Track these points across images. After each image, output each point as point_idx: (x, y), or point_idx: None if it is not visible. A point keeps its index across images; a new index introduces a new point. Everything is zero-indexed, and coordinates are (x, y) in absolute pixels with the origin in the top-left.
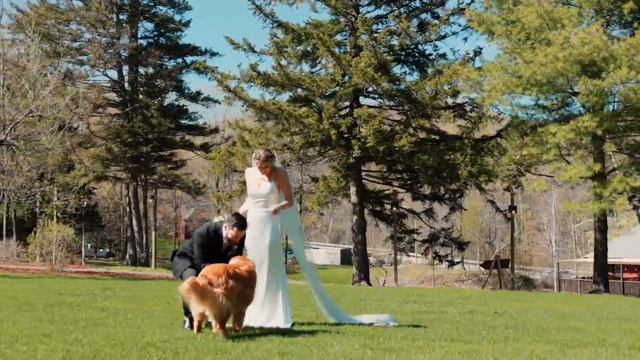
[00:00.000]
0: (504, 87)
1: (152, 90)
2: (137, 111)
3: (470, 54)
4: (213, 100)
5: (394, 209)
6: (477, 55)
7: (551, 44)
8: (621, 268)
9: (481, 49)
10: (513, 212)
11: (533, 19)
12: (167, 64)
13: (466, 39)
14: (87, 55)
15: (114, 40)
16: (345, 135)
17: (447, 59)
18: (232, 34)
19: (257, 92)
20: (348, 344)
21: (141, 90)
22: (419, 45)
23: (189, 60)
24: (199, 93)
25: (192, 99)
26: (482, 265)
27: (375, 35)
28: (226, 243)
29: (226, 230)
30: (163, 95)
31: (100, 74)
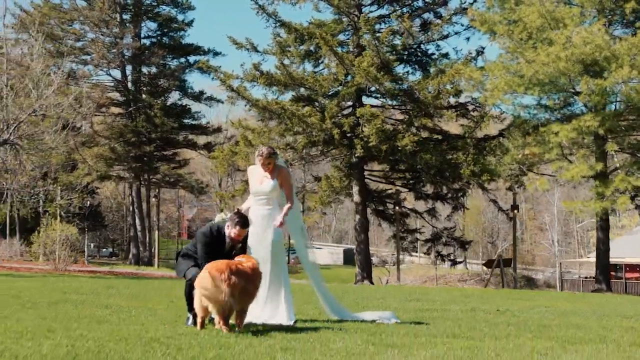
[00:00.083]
0: (506, 87)
1: (155, 89)
2: (141, 111)
3: (472, 54)
4: (216, 99)
5: (397, 208)
6: (480, 54)
7: (553, 44)
8: (623, 268)
9: (483, 48)
10: (515, 212)
11: (535, 19)
12: (170, 64)
13: (468, 39)
14: (91, 55)
15: (117, 40)
16: (348, 134)
17: (450, 58)
18: (235, 33)
19: (260, 92)
20: (351, 340)
21: (144, 89)
22: (422, 45)
23: (192, 59)
24: (202, 92)
25: (195, 98)
26: (485, 264)
27: (377, 34)
28: (229, 242)
29: (229, 229)
30: (166, 94)
31: (103, 73)
